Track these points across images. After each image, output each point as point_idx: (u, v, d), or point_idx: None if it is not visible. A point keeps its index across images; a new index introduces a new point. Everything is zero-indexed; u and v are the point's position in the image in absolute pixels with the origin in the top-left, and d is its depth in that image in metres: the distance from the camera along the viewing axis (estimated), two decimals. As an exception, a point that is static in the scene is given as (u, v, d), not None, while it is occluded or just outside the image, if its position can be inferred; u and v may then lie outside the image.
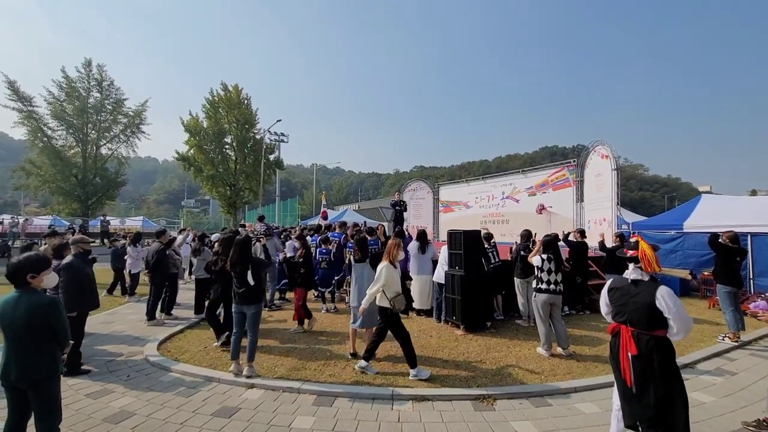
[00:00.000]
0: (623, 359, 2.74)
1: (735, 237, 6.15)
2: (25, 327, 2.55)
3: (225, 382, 4.38)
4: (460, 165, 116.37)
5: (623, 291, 2.89)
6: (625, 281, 2.93)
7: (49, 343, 2.66)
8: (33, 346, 2.59)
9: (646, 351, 2.65)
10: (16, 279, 2.64)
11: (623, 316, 2.83)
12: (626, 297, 2.84)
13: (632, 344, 2.70)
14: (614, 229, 9.81)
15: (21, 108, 21.20)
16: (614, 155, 10.47)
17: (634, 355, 2.68)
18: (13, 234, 18.46)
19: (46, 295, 2.71)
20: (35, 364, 2.58)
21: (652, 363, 2.63)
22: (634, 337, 2.72)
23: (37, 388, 2.59)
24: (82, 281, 4.66)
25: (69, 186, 22.34)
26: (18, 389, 2.58)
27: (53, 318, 2.65)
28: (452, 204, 17.12)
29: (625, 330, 2.78)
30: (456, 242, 6.52)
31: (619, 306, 2.88)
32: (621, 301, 2.87)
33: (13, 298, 2.61)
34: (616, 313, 2.90)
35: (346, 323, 5.90)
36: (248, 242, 4.78)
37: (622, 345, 2.77)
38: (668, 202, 64.75)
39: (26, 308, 2.56)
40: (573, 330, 6.27)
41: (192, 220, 43.12)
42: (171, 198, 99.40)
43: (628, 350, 2.71)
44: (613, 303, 2.95)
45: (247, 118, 25.24)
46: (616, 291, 2.94)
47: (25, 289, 2.64)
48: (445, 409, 3.79)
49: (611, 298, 2.98)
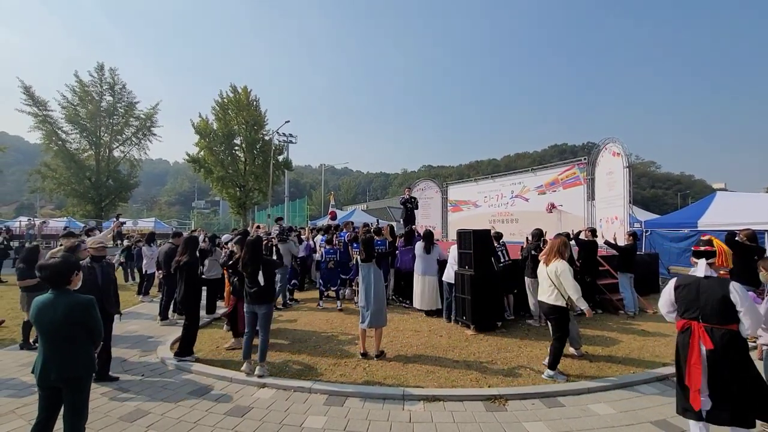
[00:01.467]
0: (694, 354, 2.80)
1: (753, 235, 6.03)
2: (65, 327, 2.64)
3: (237, 382, 4.42)
4: (469, 164, 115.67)
5: (692, 287, 2.95)
6: (692, 278, 3.02)
7: (86, 341, 2.75)
8: (72, 346, 2.67)
9: (721, 345, 2.72)
10: (59, 281, 2.72)
11: (694, 312, 2.89)
12: (697, 293, 2.90)
13: (707, 338, 2.76)
14: (626, 228, 9.68)
15: (36, 112, 21.61)
16: (626, 152, 10.34)
17: (710, 349, 2.74)
18: (30, 236, 18.87)
19: (83, 296, 2.78)
20: (75, 362, 2.66)
21: (727, 356, 2.71)
22: (708, 331, 2.78)
23: (74, 385, 2.66)
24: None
25: (83, 188, 22.71)
26: (53, 389, 2.65)
27: (91, 317, 2.75)
28: (461, 203, 17.06)
29: (697, 326, 2.84)
30: (466, 241, 6.49)
31: (689, 302, 2.94)
32: (690, 297, 2.93)
33: (49, 299, 2.68)
34: (686, 310, 2.96)
35: (355, 323, 5.91)
36: (259, 243, 4.82)
37: (692, 341, 2.84)
38: (681, 200, 63.64)
39: (65, 308, 2.64)
40: (585, 330, 6.19)
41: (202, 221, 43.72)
42: (182, 199, 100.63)
43: (703, 345, 2.78)
44: (681, 300, 3.00)
45: (256, 120, 25.41)
46: (684, 288, 3.00)
47: (61, 291, 2.72)
48: (457, 410, 3.77)
49: (678, 295, 3.03)
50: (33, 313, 2.68)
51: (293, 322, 6.90)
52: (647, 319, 7.14)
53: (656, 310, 7.76)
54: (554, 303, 4.49)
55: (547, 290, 4.58)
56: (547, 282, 4.59)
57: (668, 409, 3.65)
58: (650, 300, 8.39)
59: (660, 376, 4.48)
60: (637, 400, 3.96)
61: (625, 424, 3.49)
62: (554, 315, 4.53)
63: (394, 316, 7.04)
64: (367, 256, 5.25)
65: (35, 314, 2.66)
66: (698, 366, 2.76)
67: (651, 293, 9.18)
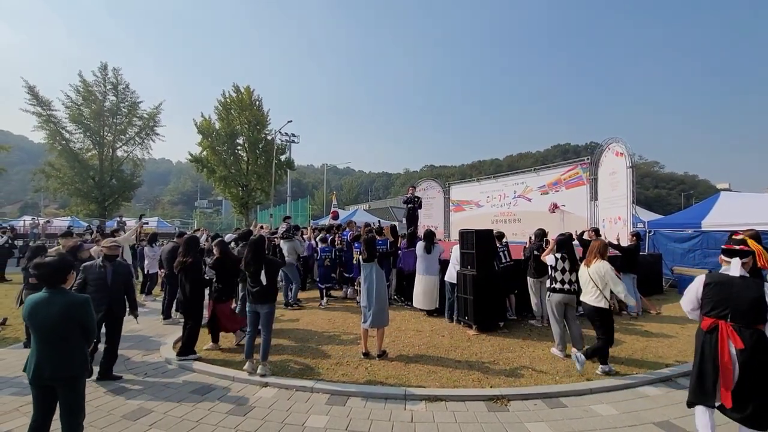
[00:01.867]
0: (725, 354, 2.80)
1: (756, 235, 5.94)
2: (60, 325, 2.63)
3: (239, 381, 4.43)
4: (471, 164, 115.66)
5: (724, 286, 2.94)
6: (725, 276, 2.99)
7: (80, 340, 2.75)
8: (66, 344, 2.67)
9: (750, 344, 2.73)
10: (54, 280, 2.73)
11: (724, 311, 2.89)
12: (729, 292, 2.89)
13: (737, 338, 2.77)
14: (629, 228, 9.64)
15: (40, 112, 21.73)
16: (629, 152, 10.28)
17: (740, 348, 2.75)
18: (33, 235, 18.98)
19: (78, 294, 2.80)
20: (69, 361, 2.66)
21: (756, 356, 2.72)
22: (737, 331, 2.79)
23: (69, 385, 2.66)
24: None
25: (86, 188, 22.81)
26: (47, 387, 2.65)
27: (86, 316, 2.75)
28: (463, 203, 17.03)
29: (725, 325, 2.85)
30: (468, 241, 6.48)
31: (719, 301, 2.93)
32: (721, 295, 2.93)
33: (44, 298, 2.68)
34: (712, 308, 2.96)
35: (357, 323, 5.91)
36: (262, 242, 4.83)
37: (721, 340, 2.84)
38: (685, 200, 63.37)
39: (61, 307, 2.64)
40: (588, 331, 6.15)
41: (205, 221, 43.83)
42: (184, 199, 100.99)
43: (734, 344, 2.78)
44: (709, 298, 2.99)
45: (259, 119, 25.43)
46: (714, 286, 2.99)
47: (56, 289, 2.72)
48: (459, 410, 3.77)
49: (707, 293, 3.02)
50: (27, 311, 2.67)
51: (295, 322, 6.91)
52: (650, 320, 7.11)
53: (659, 311, 7.74)
54: (596, 304, 4.52)
55: (591, 291, 4.61)
56: (590, 284, 4.61)
57: (671, 410, 3.64)
58: (653, 301, 8.36)
59: (663, 377, 4.46)
60: (640, 401, 3.94)
61: (628, 425, 3.47)
62: (597, 317, 4.57)
63: (396, 315, 7.05)
64: (369, 255, 5.24)
65: (29, 312, 2.65)
66: (730, 365, 2.77)
67: (654, 294, 9.15)
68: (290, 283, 8.14)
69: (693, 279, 9.22)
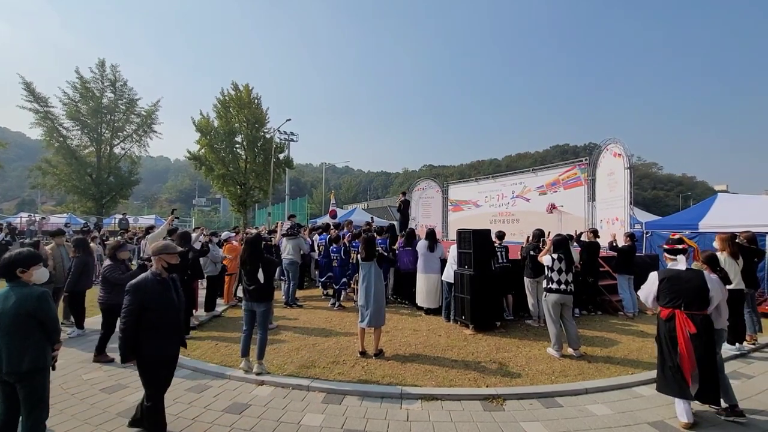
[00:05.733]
0: (682, 338, 3.23)
1: (752, 237, 6.00)
2: (14, 319, 2.60)
3: (235, 379, 4.43)
4: (470, 164, 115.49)
5: (676, 279, 3.40)
6: (674, 272, 3.44)
7: (36, 335, 2.70)
8: (21, 339, 2.63)
9: (701, 328, 3.20)
10: (6, 273, 2.71)
11: (678, 301, 3.33)
12: (680, 284, 3.35)
13: (691, 324, 3.21)
14: (627, 229, 9.67)
15: (37, 109, 21.62)
16: (627, 153, 10.32)
17: (693, 333, 3.18)
18: (30, 231, 18.88)
19: (35, 288, 2.73)
20: (24, 356, 2.62)
21: (701, 337, 3.19)
22: (691, 317, 3.24)
23: (25, 381, 2.63)
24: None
25: (84, 185, 22.73)
26: (9, 383, 2.63)
27: (41, 310, 2.69)
28: (461, 203, 17.05)
29: (680, 313, 3.29)
30: (465, 241, 6.48)
31: (674, 292, 3.37)
32: (675, 287, 3.36)
33: (3, 292, 2.67)
34: (669, 300, 3.39)
35: (354, 322, 5.91)
36: (258, 241, 4.83)
37: (679, 326, 3.27)
38: (683, 202, 63.44)
39: (15, 300, 2.62)
40: (584, 331, 6.19)
41: (203, 219, 43.73)
42: (183, 197, 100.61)
43: (688, 330, 3.21)
44: (665, 291, 3.43)
45: (258, 118, 25.37)
46: (668, 280, 3.43)
47: (15, 283, 2.70)
48: (454, 409, 3.78)
49: (662, 287, 3.46)
50: None
51: (292, 320, 6.91)
52: (646, 321, 7.14)
53: (656, 312, 7.75)
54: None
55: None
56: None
57: (666, 410, 3.65)
58: (650, 301, 8.37)
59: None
60: (635, 401, 3.95)
61: (623, 425, 3.48)
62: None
63: (393, 315, 7.05)
64: (368, 255, 5.24)
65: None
66: (688, 348, 3.17)
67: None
68: (291, 282, 8.14)
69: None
